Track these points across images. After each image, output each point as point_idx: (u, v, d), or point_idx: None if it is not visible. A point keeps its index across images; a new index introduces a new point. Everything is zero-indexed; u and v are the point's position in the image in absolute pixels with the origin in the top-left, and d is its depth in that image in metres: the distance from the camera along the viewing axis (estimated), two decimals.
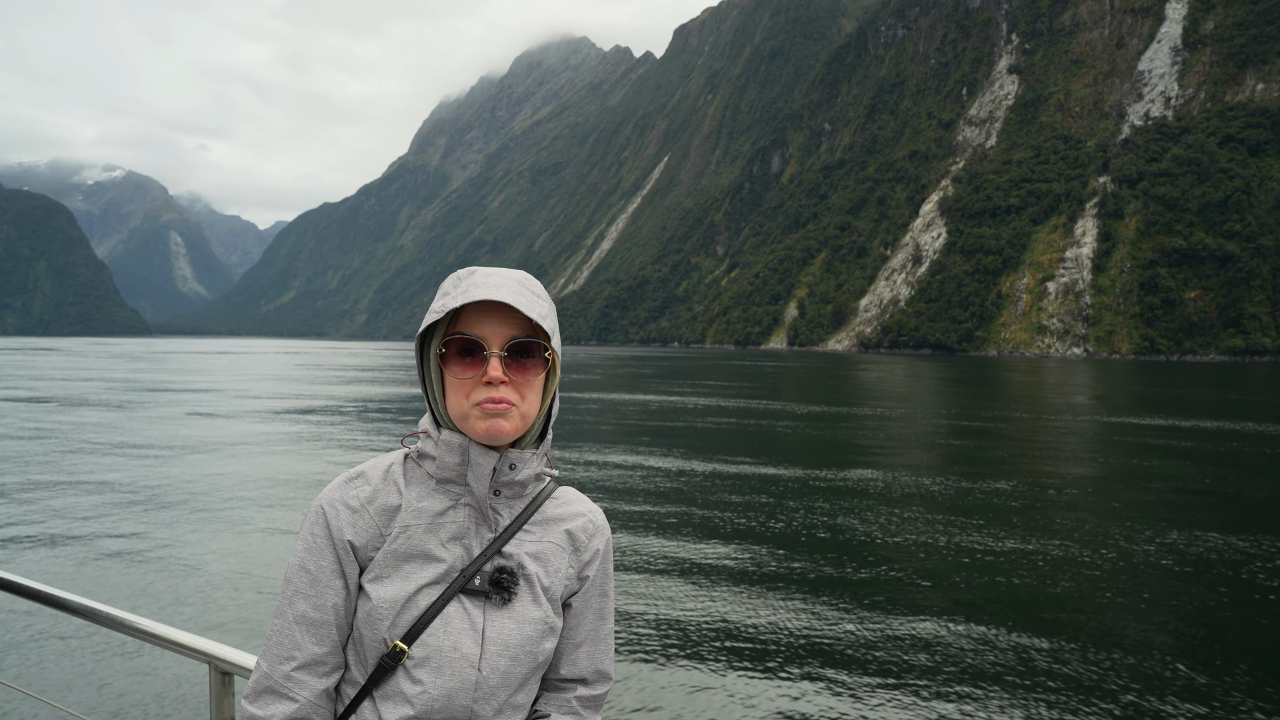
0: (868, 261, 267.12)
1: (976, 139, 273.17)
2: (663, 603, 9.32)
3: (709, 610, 9.08)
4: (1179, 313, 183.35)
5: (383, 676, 1.37)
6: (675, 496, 15.42)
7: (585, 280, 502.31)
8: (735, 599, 9.46)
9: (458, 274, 1.44)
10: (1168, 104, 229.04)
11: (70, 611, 2.21)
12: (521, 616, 1.41)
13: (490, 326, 1.39)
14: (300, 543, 1.41)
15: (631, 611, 8.95)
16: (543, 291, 1.46)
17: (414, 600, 1.37)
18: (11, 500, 14.43)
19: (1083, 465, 20.32)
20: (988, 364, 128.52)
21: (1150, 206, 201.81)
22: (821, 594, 9.69)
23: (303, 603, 1.38)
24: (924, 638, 8.37)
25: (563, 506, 1.53)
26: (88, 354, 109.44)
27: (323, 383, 52.15)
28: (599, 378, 62.43)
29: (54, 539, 11.84)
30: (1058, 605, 9.52)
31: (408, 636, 1.36)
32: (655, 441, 23.58)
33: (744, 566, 10.76)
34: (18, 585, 2.33)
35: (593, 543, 1.53)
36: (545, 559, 1.47)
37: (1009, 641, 8.32)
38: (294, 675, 1.37)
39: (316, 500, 1.44)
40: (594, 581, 1.54)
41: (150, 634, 2.03)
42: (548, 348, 1.43)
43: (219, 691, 1.96)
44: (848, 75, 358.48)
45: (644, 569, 10.62)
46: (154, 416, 29.44)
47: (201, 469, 18.12)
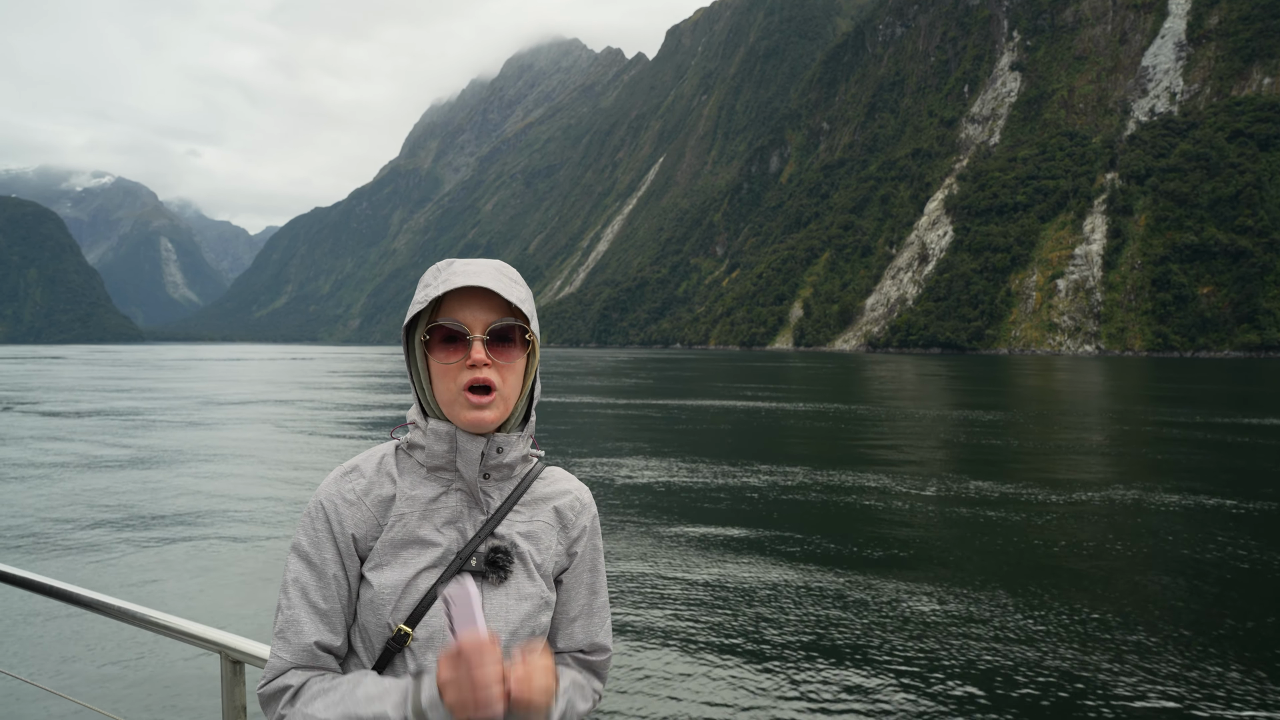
0: (872, 260, 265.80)
1: (980, 136, 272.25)
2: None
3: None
4: (1192, 309, 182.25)
5: (389, 660, 1.42)
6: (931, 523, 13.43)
7: (582, 282, 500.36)
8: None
9: (437, 266, 1.49)
10: (1173, 99, 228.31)
11: (81, 605, 2.22)
12: (518, 593, 1.46)
13: (471, 313, 1.45)
14: (302, 537, 1.45)
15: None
16: (519, 278, 1.52)
17: (414, 584, 1.42)
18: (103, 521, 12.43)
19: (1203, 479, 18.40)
20: (1009, 363, 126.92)
21: (1160, 202, 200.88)
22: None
23: (310, 594, 1.42)
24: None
25: (550, 485, 1.58)
26: (99, 361, 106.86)
27: (371, 390, 50.06)
28: (652, 383, 60.36)
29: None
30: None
31: (410, 620, 1.40)
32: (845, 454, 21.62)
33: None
34: (30, 581, 2.35)
35: (580, 519, 1.58)
36: (536, 537, 1.52)
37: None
38: (308, 660, 1.41)
39: (315, 496, 1.48)
40: (583, 557, 1.59)
41: (161, 625, 2.05)
42: (528, 330, 1.49)
43: (230, 680, 1.98)
44: (846, 74, 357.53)
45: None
46: (239, 435, 27.30)
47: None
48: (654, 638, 8.12)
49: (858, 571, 10.42)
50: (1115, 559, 11.08)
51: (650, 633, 8.26)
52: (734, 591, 9.59)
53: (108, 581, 10.02)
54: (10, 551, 11.54)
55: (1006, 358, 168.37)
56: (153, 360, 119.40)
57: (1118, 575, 10.31)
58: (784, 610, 8.94)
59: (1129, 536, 12.31)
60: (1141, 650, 7.81)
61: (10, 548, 11.71)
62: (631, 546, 11.61)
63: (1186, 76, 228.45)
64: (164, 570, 10.52)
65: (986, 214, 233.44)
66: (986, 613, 8.84)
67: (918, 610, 8.89)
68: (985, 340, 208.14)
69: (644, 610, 8.93)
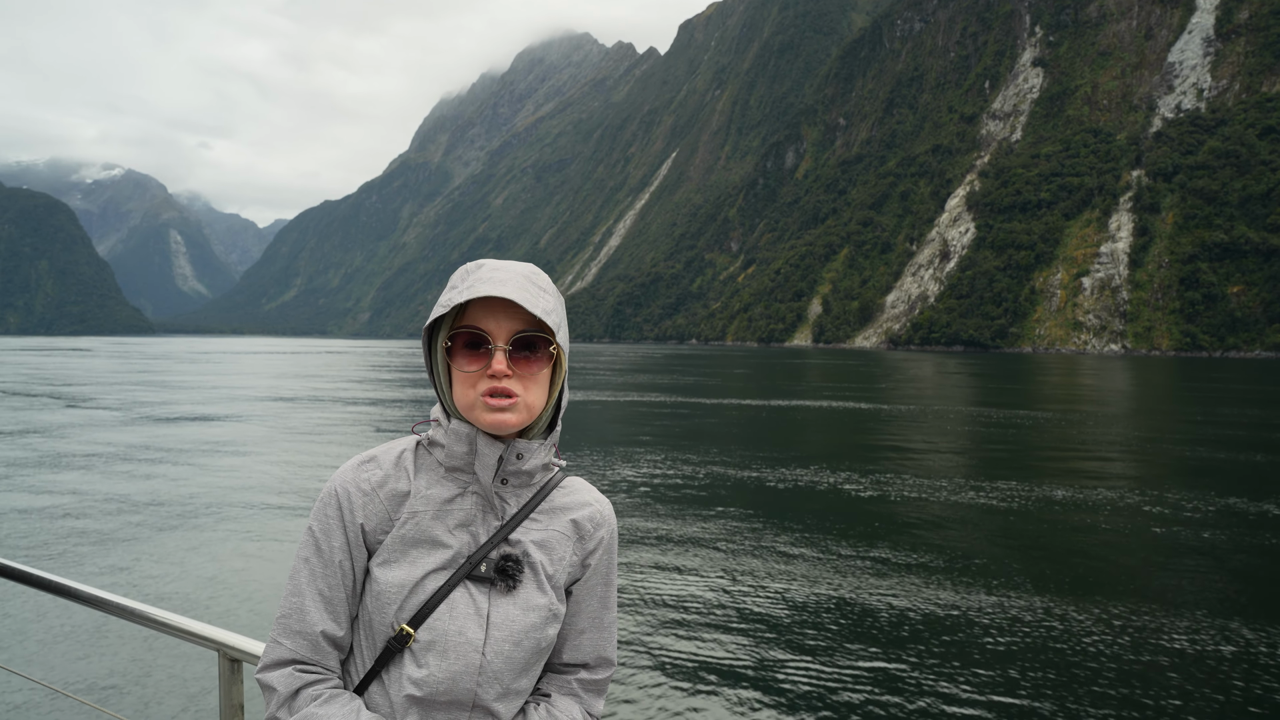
0: (892, 257, 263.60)
1: (1001, 133, 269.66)
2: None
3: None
4: (1221, 308, 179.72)
5: (389, 659, 1.40)
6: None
7: (594, 277, 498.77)
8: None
9: (466, 267, 1.46)
10: (1200, 96, 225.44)
11: (80, 601, 2.21)
12: (526, 603, 1.43)
13: (495, 321, 1.41)
14: (314, 523, 1.44)
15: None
16: (550, 285, 1.48)
17: (421, 585, 1.40)
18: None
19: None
20: (1046, 362, 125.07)
21: (1188, 200, 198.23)
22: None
23: (317, 581, 1.41)
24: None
25: (570, 496, 1.55)
26: (127, 355, 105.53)
27: (410, 386, 48.52)
28: (720, 383, 58.66)
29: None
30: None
31: (414, 621, 1.38)
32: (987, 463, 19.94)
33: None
34: (28, 575, 2.34)
35: (598, 532, 1.54)
36: (550, 547, 1.49)
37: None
38: (308, 649, 1.40)
39: (330, 483, 1.46)
40: (597, 569, 1.55)
41: (159, 622, 2.04)
42: (553, 341, 1.45)
43: (228, 679, 1.97)
44: (863, 69, 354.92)
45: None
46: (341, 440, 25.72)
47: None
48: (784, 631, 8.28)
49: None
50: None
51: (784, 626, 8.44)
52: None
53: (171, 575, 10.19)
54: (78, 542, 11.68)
55: (1032, 356, 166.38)
56: (181, 353, 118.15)
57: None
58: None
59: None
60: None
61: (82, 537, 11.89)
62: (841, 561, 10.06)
63: (1215, 72, 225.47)
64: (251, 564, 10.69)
65: (1009, 211, 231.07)
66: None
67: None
68: (1009, 338, 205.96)
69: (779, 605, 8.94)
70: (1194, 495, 15.89)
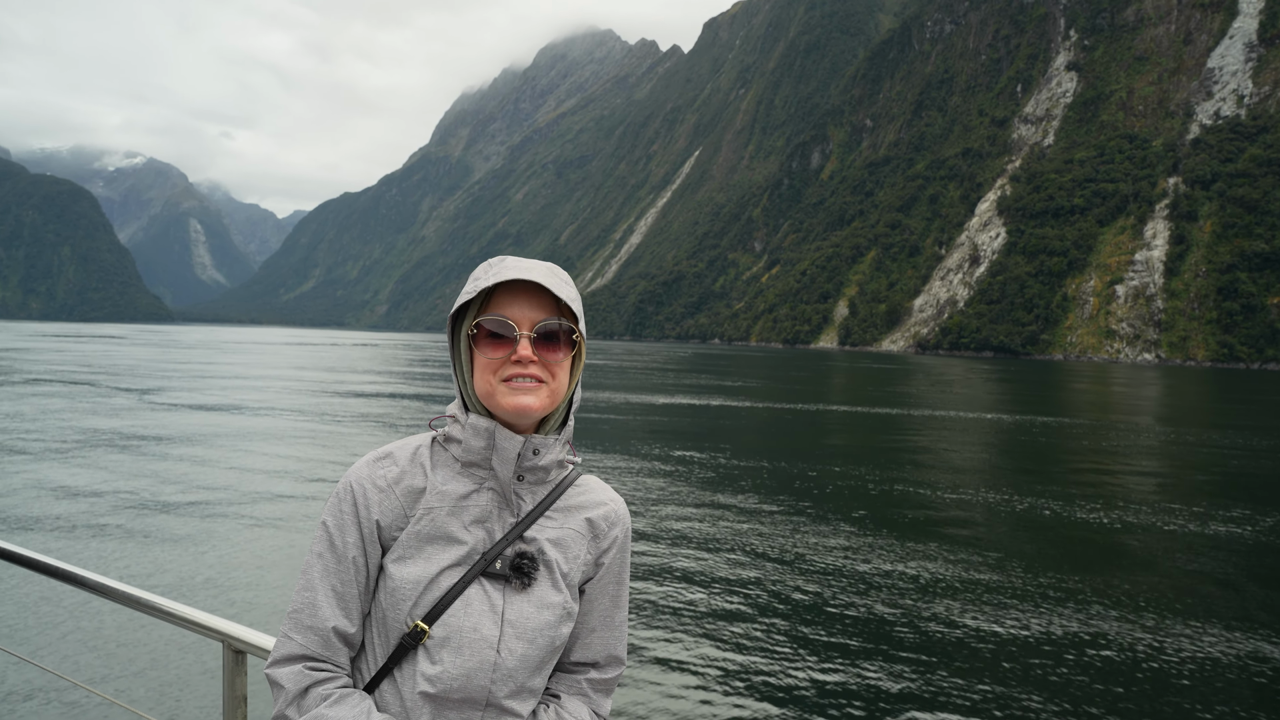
0: (920, 261, 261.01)
1: (1033, 137, 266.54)
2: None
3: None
4: (1260, 319, 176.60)
5: (403, 656, 1.39)
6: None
7: (614, 275, 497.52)
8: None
9: (489, 261, 1.49)
10: (1240, 102, 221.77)
11: (86, 588, 2.21)
12: (541, 601, 1.44)
13: (520, 309, 1.44)
14: (328, 518, 1.44)
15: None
16: (570, 281, 1.50)
17: (436, 582, 1.40)
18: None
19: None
20: (1085, 370, 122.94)
21: (1227, 208, 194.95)
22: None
23: (330, 577, 1.41)
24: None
25: (585, 494, 1.55)
26: (164, 344, 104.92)
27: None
28: (779, 386, 57.19)
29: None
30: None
31: (429, 617, 1.38)
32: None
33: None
34: (33, 560, 2.34)
35: (612, 531, 1.55)
36: (565, 545, 1.49)
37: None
38: (319, 645, 1.40)
39: (345, 478, 1.46)
40: (610, 568, 1.55)
41: (164, 611, 2.04)
42: (575, 330, 1.48)
43: (232, 669, 1.97)
44: (891, 71, 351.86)
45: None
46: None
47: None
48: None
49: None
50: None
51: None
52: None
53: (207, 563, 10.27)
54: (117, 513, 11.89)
55: (1064, 364, 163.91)
56: (212, 342, 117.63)
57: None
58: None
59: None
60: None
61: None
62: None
63: (1256, 78, 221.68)
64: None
65: (1042, 216, 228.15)
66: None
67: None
68: (1040, 345, 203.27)
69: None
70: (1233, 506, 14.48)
